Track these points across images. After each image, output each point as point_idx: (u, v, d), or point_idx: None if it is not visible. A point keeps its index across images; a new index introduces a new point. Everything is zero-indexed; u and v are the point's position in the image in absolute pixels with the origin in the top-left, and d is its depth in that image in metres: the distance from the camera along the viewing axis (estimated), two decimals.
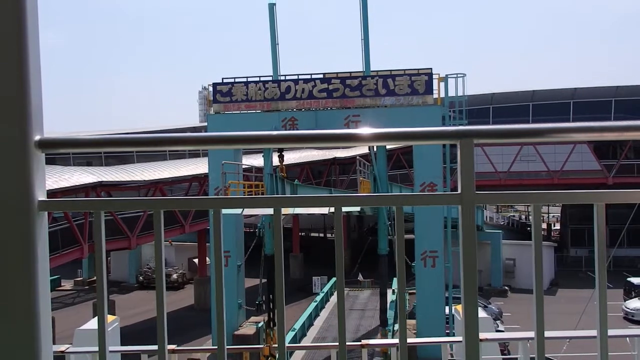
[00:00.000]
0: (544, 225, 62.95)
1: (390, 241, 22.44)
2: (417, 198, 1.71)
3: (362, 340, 6.71)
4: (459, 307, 2.45)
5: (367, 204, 1.68)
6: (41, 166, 1.60)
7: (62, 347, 6.12)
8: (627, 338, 6.90)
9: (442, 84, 22.17)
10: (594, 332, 1.65)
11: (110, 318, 6.73)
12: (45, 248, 1.61)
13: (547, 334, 1.66)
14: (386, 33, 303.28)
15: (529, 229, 52.86)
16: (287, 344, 1.51)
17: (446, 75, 22.04)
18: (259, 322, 22.92)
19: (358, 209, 21.76)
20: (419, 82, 21.58)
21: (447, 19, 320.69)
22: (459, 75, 22.04)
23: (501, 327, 26.46)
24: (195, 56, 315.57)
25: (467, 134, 1.57)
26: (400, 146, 36.34)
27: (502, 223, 67.33)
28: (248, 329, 22.78)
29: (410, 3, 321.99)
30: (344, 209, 1.73)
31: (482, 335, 5.53)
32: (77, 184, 25.76)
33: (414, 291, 24.47)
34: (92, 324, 6.99)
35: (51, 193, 23.40)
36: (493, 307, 31.20)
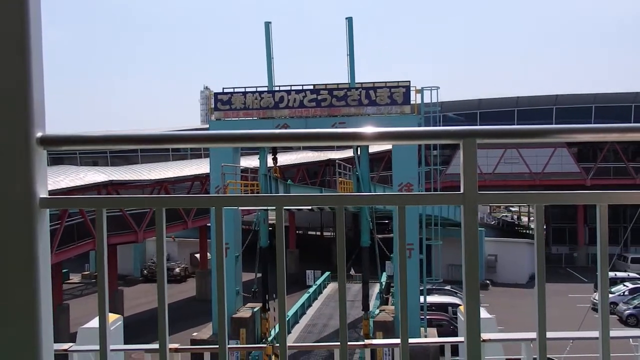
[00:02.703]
0: (533, 225, 65.39)
1: (372, 235, 25.08)
2: (420, 198, 1.70)
3: (365, 341, 7.20)
4: (462, 308, 2.21)
5: (370, 204, 1.68)
6: (43, 163, 1.58)
7: (65, 346, 6.13)
8: (630, 339, 7.29)
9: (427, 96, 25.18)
10: (596, 334, 1.63)
11: (113, 317, 6.78)
12: (47, 246, 1.58)
13: (549, 334, 1.63)
14: (386, 38, 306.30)
15: (516, 228, 55.63)
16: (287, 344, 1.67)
17: (422, 87, 24.11)
18: (255, 307, 24.56)
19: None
20: (398, 93, 23.46)
21: (447, 25, 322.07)
22: (432, 88, 24.36)
23: None
24: (197, 55, 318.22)
25: (470, 133, 1.57)
26: (390, 149, 38.82)
27: (493, 223, 69.95)
28: (245, 312, 24.27)
29: (412, 10, 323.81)
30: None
31: (484, 336, 5.53)
32: (91, 182, 27.64)
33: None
34: (96, 322, 6.66)
35: (67, 191, 26.07)
36: None
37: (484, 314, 6.93)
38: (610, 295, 32.60)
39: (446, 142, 1.70)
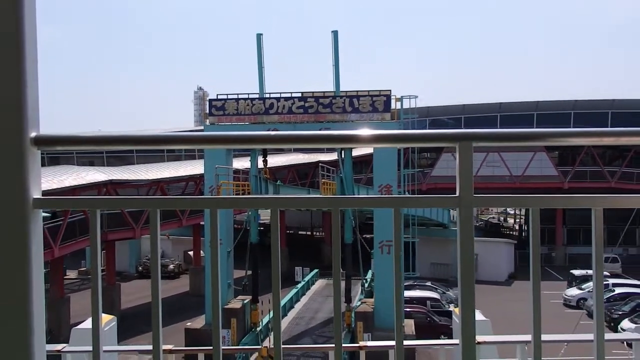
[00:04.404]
0: (517, 226, 67.85)
1: (354, 232, 25.68)
2: (416, 200, 1.69)
3: (360, 343, 7.04)
4: (457, 310, 2.44)
5: (366, 206, 1.68)
6: (37, 163, 1.57)
7: (59, 347, 6.11)
8: (625, 342, 7.33)
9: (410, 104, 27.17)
10: (591, 336, 1.64)
11: (107, 317, 6.78)
12: (40, 246, 1.57)
13: (544, 337, 1.65)
14: (385, 41, 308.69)
15: (501, 229, 57.96)
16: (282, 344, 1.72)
17: (401, 96, 25.73)
18: (245, 299, 25.95)
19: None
20: (379, 101, 24.92)
21: (440, 29, 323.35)
22: (411, 97, 26.11)
23: (451, 308, 31.51)
24: (190, 55, 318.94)
25: (466, 136, 1.56)
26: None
27: (478, 224, 72.27)
28: (236, 304, 25.57)
29: (410, 14, 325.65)
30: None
31: (479, 338, 5.50)
32: (92, 181, 29.32)
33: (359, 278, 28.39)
34: (89, 323, 6.28)
35: (70, 190, 28.02)
36: (451, 293, 33.68)
37: (479, 316, 6.91)
38: (581, 292, 34.62)
39: (442, 145, 1.68)
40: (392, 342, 2.33)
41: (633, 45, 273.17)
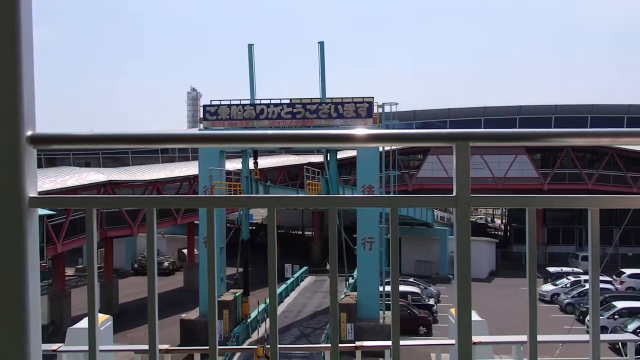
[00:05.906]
0: (503, 226, 69.90)
1: (339, 230, 28.74)
2: (413, 200, 1.68)
3: (356, 342, 7.20)
4: (453, 311, 2.06)
5: (363, 205, 1.74)
6: (32, 162, 1.56)
7: (54, 346, 6.19)
8: (619, 343, 7.22)
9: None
10: (586, 337, 1.64)
11: (103, 317, 6.78)
12: (36, 245, 1.56)
13: (540, 338, 1.64)
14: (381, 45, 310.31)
15: (489, 230, 60.09)
16: (277, 344, 1.62)
17: (383, 103, 27.02)
18: (237, 292, 27.28)
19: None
20: (362, 108, 26.33)
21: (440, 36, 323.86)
22: (392, 104, 27.37)
23: (431, 302, 33.63)
24: (184, 56, 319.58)
25: (462, 136, 1.57)
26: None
27: None
28: (228, 297, 26.77)
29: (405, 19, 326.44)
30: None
31: (475, 339, 5.53)
32: (93, 181, 31.00)
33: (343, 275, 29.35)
34: (85, 322, 6.75)
35: (71, 190, 29.88)
36: (432, 289, 34.98)
37: (475, 316, 6.89)
38: (554, 287, 36.64)
39: (439, 145, 1.67)
40: (389, 342, 2.12)
41: (613, 52, 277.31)
